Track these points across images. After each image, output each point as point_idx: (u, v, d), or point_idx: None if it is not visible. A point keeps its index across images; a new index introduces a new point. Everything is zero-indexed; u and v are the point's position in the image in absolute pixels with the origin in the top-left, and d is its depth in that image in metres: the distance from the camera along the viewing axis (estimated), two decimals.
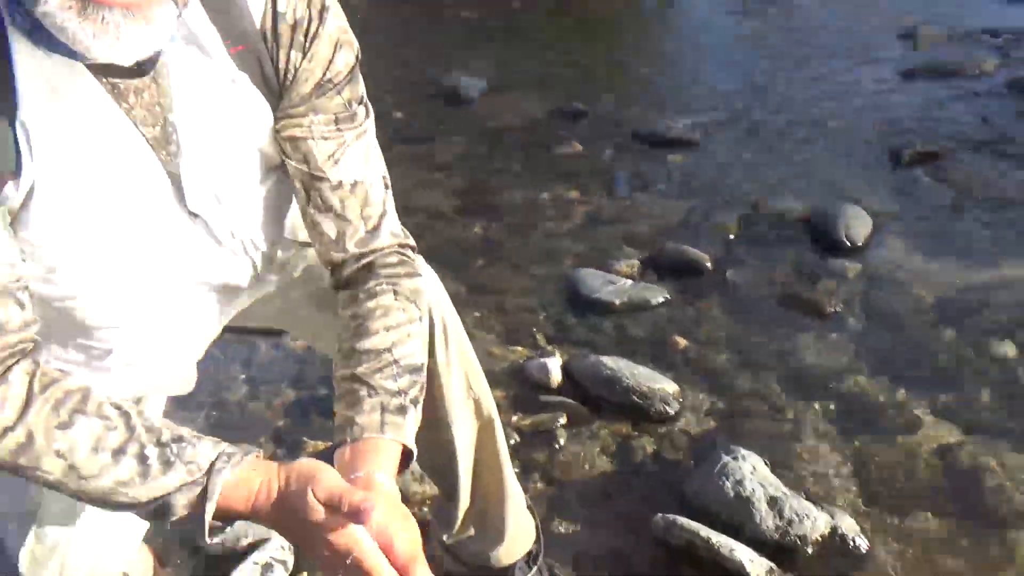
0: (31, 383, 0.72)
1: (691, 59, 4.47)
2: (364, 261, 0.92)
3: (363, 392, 0.85)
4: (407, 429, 0.85)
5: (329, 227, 0.91)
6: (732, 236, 2.40)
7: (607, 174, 2.94)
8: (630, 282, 2.14)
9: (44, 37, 0.69)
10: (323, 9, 0.85)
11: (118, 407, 0.76)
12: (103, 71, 0.74)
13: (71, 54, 0.70)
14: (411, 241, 0.99)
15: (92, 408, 0.74)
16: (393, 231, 0.95)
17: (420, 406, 0.89)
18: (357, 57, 0.90)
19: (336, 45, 0.86)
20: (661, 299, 2.08)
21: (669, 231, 2.45)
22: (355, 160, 0.90)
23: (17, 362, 0.73)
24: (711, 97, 3.67)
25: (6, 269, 0.74)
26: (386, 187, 0.95)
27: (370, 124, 0.93)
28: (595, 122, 3.52)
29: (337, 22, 0.87)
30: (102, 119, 0.76)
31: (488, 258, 2.40)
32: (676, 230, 2.46)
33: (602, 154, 3.13)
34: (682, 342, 1.94)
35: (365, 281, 0.92)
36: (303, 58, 0.85)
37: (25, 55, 0.71)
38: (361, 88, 0.92)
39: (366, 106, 0.93)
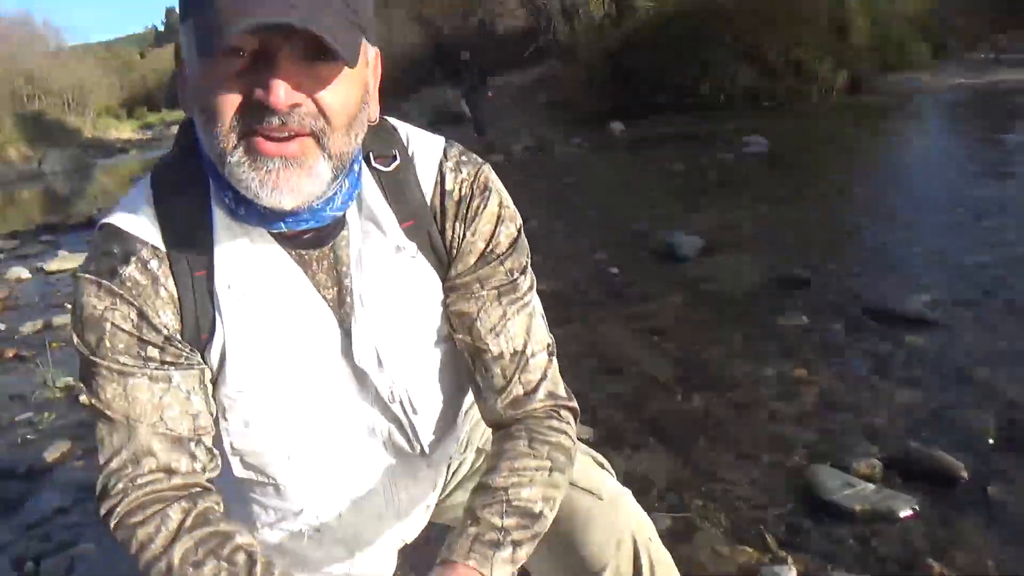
0: (184, 520, 0.81)
1: (928, 224, 4.23)
2: (517, 417, 0.95)
3: (468, 521, 0.86)
4: (494, 565, 0.82)
5: (489, 393, 0.95)
6: (991, 441, 2.15)
7: (837, 352, 2.80)
8: (872, 486, 1.97)
9: (241, 213, 0.82)
10: (486, 188, 0.93)
11: (249, 555, 0.82)
12: (291, 243, 0.86)
13: (260, 221, 0.83)
14: (572, 403, 0.99)
15: (225, 552, 0.81)
16: (552, 392, 0.96)
17: (523, 550, 0.86)
18: (519, 230, 0.95)
19: (498, 219, 0.93)
20: (909, 511, 1.89)
21: (914, 428, 2.25)
22: (517, 331, 0.94)
23: (179, 499, 0.82)
24: (954, 270, 3.44)
25: (188, 420, 0.84)
26: (550, 354, 0.97)
27: (532, 295, 0.97)
28: (820, 291, 3.40)
29: (499, 199, 0.94)
30: (288, 283, 0.87)
31: (710, 438, 2.33)
32: (922, 427, 2.25)
33: (830, 329, 3.00)
34: (937, 568, 1.73)
35: (509, 426, 0.95)
36: (467, 231, 0.92)
37: (224, 229, 0.84)
38: (524, 259, 0.95)
39: (529, 276, 0.96)
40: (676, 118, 11.48)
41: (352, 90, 0.77)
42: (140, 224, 0.84)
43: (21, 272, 6.40)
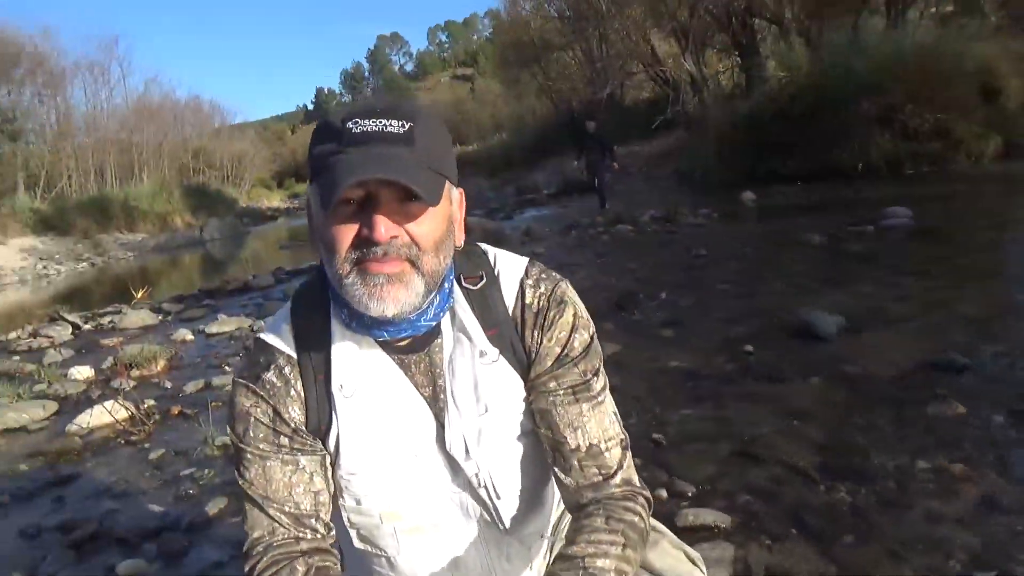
0: (307, 572, 1.01)
1: None
2: (596, 499, 1.07)
3: None
4: None
5: (569, 482, 1.07)
6: None
7: (1000, 447, 2.59)
8: None
9: (353, 325, 1.03)
10: (562, 301, 1.08)
11: None
12: (393, 350, 1.05)
13: (370, 332, 1.02)
14: (646, 492, 1.10)
15: None
16: (627, 480, 1.08)
17: None
18: (592, 336, 1.10)
19: (572, 328, 1.07)
20: None
21: None
22: (592, 427, 1.07)
23: (303, 557, 1.02)
24: None
25: (311, 497, 1.05)
26: (624, 448, 1.10)
27: (606, 394, 1.10)
28: (979, 378, 3.18)
29: (574, 310, 1.09)
30: (391, 382, 1.05)
31: (858, 535, 2.21)
32: None
33: (992, 420, 2.79)
34: None
35: (587, 506, 1.06)
36: (544, 337, 1.07)
37: (340, 339, 1.05)
38: (597, 362, 1.10)
39: (602, 377, 1.10)
40: (811, 188, 11.17)
41: (438, 222, 0.96)
42: (280, 338, 1.07)
43: (186, 334, 6.98)
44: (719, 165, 13.96)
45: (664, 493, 2.63)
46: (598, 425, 1.07)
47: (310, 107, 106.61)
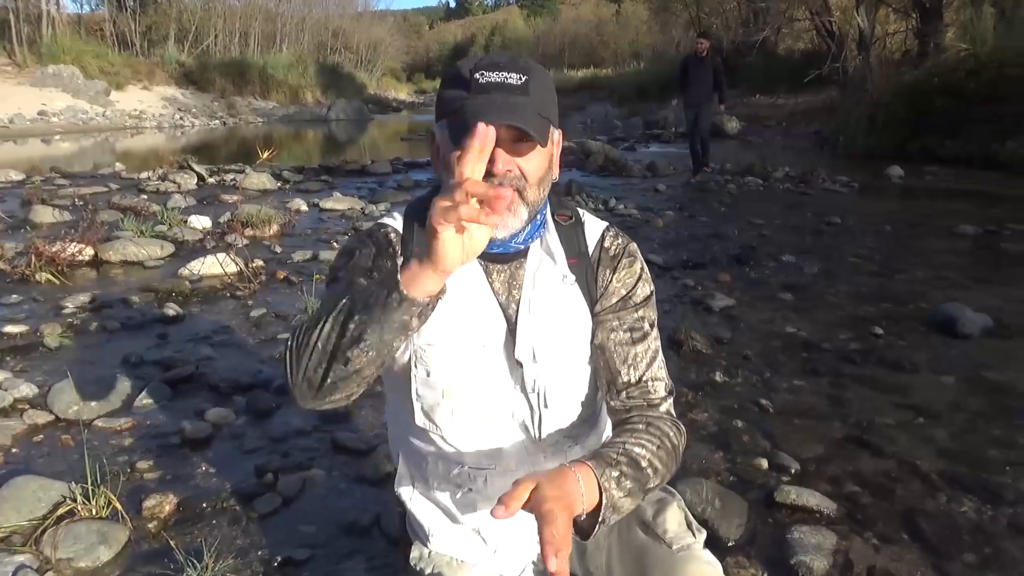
0: None
1: None
2: (638, 415, 1.19)
3: (587, 455, 1.07)
4: (606, 475, 1.02)
5: (617, 405, 1.22)
6: None
7: None
8: None
9: None
10: (633, 255, 1.27)
11: None
12: (483, 258, 1.15)
13: None
14: (682, 426, 1.22)
15: None
16: (670, 412, 1.22)
17: (626, 485, 1.04)
18: (652, 293, 1.26)
19: (638, 278, 1.25)
20: None
21: None
22: (642, 366, 1.22)
23: None
24: None
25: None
26: (668, 392, 1.23)
27: (658, 344, 1.25)
28: None
29: (641, 265, 1.27)
30: (472, 282, 1.17)
31: (981, 556, 1.97)
32: None
33: None
34: None
35: (631, 418, 1.19)
36: (613, 277, 1.23)
37: None
38: (654, 315, 1.26)
39: (655, 330, 1.25)
40: (970, 175, 10.22)
41: (541, 160, 1.12)
42: (394, 221, 1.26)
43: (301, 204, 7.10)
44: (868, 134, 12.93)
45: (764, 464, 2.45)
46: (648, 367, 1.21)
47: (452, 5, 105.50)
